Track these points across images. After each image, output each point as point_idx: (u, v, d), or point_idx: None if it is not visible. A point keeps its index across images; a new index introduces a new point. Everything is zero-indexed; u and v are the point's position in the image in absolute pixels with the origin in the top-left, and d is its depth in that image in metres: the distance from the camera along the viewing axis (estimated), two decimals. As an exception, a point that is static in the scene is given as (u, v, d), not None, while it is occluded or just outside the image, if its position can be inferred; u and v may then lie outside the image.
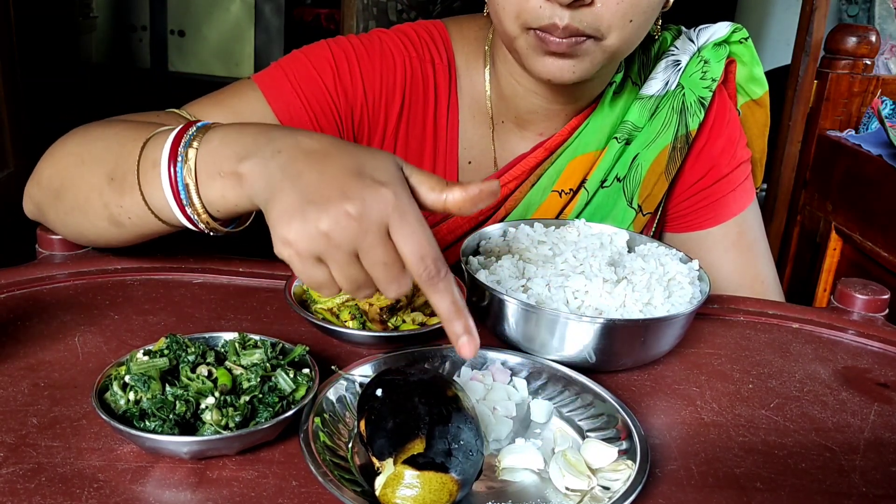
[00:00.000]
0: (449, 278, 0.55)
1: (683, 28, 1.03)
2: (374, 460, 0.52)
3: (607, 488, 0.55)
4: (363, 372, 0.64)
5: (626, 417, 0.60)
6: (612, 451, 0.57)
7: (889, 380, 0.76)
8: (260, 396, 0.57)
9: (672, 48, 1.00)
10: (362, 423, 0.55)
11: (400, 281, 0.55)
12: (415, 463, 0.50)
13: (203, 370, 0.59)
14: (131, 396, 0.56)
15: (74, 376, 0.64)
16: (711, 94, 0.98)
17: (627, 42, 0.82)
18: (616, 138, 0.96)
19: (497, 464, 0.58)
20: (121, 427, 0.53)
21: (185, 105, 0.86)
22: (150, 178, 0.65)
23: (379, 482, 0.51)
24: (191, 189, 0.62)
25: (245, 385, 0.58)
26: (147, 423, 0.54)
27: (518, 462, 0.57)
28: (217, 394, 0.56)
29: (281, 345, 0.64)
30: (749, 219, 1.03)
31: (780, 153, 1.82)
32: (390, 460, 0.51)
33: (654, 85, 0.98)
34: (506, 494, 0.55)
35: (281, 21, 5.30)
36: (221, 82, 0.91)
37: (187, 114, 0.84)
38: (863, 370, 0.78)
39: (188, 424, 0.55)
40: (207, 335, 0.64)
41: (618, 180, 0.98)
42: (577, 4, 0.75)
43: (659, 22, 0.90)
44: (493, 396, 0.64)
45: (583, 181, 0.97)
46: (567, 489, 0.55)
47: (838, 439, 0.65)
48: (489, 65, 0.96)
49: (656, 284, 0.73)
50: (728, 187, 1.01)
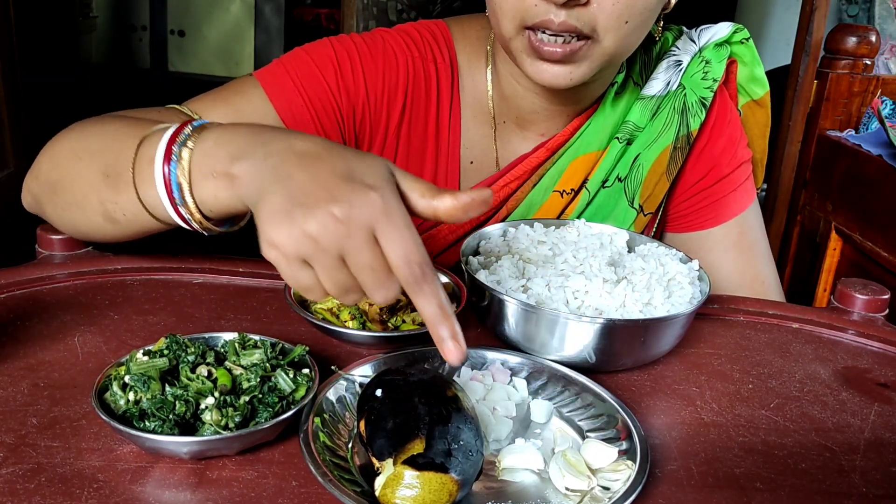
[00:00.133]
0: (436, 283, 0.54)
1: (685, 28, 1.03)
2: (374, 460, 0.52)
3: (607, 488, 0.55)
4: (363, 372, 0.64)
5: (626, 417, 0.60)
6: (612, 452, 0.57)
7: (889, 380, 0.76)
8: (260, 396, 0.57)
9: (673, 48, 1.00)
10: (362, 424, 0.55)
11: (387, 286, 0.54)
12: (415, 463, 0.50)
13: (203, 370, 0.59)
14: (131, 396, 0.56)
15: (74, 376, 0.64)
16: (713, 95, 0.98)
17: (624, 44, 0.81)
18: (617, 138, 0.96)
19: (497, 464, 0.57)
20: (121, 427, 0.53)
21: (187, 101, 0.86)
22: (145, 177, 0.65)
23: (379, 482, 0.51)
24: (184, 188, 0.62)
25: (245, 385, 0.58)
26: (147, 424, 0.54)
27: (518, 462, 0.57)
28: (217, 394, 0.56)
29: (281, 345, 0.64)
30: (750, 219, 1.03)
31: (780, 153, 1.82)
32: (390, 460, 0.51)
33: (656, 85, 0.98)
34: (506, 494, 0.55)
35: (281, 21, 5.29)
36: (221, 82, 0.90)
37: (188, 110, 0.84)
38: (863, 370, 0.78)
39: (188, 425, 0.55)
40: (207, 335, 0.64)
41: (619, 180, 0.98)
42: (572, 4, 0.75)
43: (660, 22, 0.91)
44: (493, 396, 0.64)
45: (584, 181, 0.97)
46: (567, 489, 0.55)
47: (838, 439, 0.65)
48: (491, 65, 0.96)
49: (656, 284, 0.73)
50: (729, 187, 1.01)
